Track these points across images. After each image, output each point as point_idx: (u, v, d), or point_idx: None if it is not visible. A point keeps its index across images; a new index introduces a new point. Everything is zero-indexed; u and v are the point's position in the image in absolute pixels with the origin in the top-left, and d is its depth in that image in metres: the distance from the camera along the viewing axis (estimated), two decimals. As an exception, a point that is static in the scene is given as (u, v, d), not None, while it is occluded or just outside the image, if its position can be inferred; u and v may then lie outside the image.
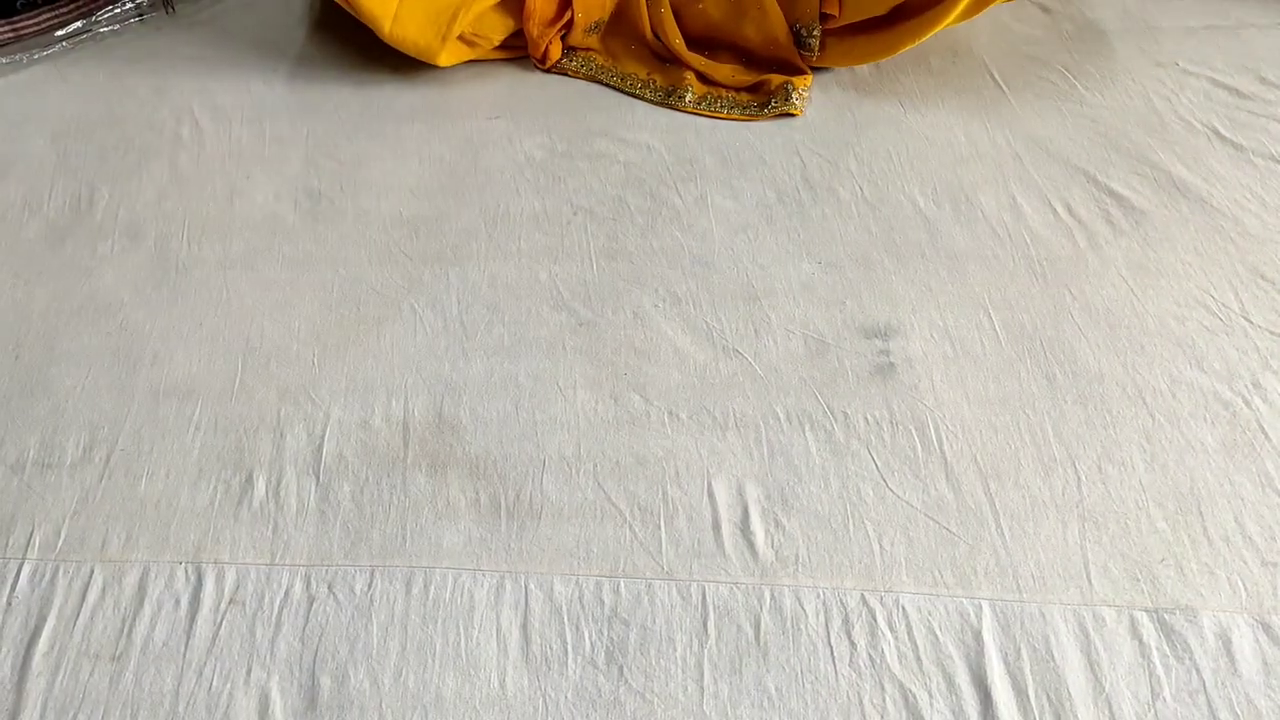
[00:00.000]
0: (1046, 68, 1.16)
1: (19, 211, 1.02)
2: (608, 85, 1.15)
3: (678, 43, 1.13)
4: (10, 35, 1.19)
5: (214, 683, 0.67)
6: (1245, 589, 0.70)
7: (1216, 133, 1.06)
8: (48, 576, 0.73)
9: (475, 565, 0.73)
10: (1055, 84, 1.13)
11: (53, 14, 1.21)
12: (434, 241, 0.97)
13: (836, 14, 1.10)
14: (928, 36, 1.07)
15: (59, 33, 1.21)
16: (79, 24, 1.23)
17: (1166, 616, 0.69)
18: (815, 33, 1.12)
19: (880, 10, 1.08)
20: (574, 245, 0.96)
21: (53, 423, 0.82)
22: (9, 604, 0.71)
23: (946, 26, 1.06)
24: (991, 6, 1.06)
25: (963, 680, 0.66)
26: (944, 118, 1.09)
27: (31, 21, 1.20)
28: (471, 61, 1.16)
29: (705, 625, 0.69)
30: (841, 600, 0.70)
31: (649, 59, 1.17)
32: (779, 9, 1.12)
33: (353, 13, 1.08)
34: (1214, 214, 0.97)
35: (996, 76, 1.14)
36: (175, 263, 0.96)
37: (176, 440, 0.81)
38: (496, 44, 1.15)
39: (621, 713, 0.65)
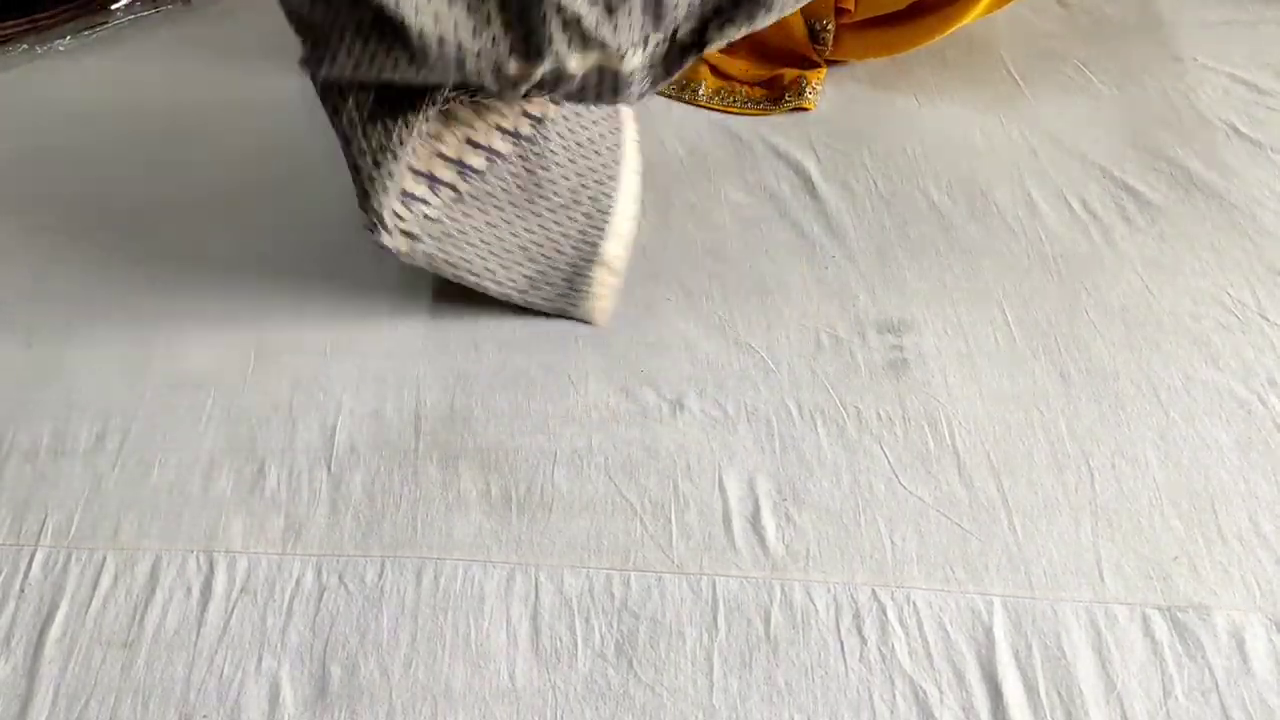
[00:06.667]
0: (1063, 62, 1.15)
1: (35, 201, 1.02)
2: (621, 78, 1.15)
3: (692, 35, 1.13)
4: (28, 27, 1.20)
5: (225, 671, 0.67)
6: (1259, 588, 0.70)
7: (1234, 128, 1.05)
8: (60, 564, 0.73)
9: (486, 557, 0.73)
10: (1072, 78, 1.12)
11: (71, 6, 1.21)
12: (446, 233, 0.97)
13: (851, 8, 1.10)
14: (945, 34, 1.06)
15: (76, 24, 1.22)
16: (96, 16, 1.23)
17: (1179, 615, 0.68)
18: (829, 26, 1.11)
19: (898, 5, 1.07)
20: (586, 238, 0.96)
21: (66, 410, 0.83)
22: (22, 591, 0.72)
23: (965, 24, 1.05)
24: (1012, 3, 1.04)
25: (973, 676, 0.66)
26: (959, 112, 1.09)
27: (50, 16, 1.21)
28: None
29: (715, 619, 0.69)
30: (852, 595, 0.70)
31: (663, 52, 1.16)
32: None
33: None
34: (1231, 210, 0.96)
35: (1012, 70, 1.14)
36: (190, 252, 0.96)
37: (189, 429, 0.81)
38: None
39: (630, 705, 0.65)
